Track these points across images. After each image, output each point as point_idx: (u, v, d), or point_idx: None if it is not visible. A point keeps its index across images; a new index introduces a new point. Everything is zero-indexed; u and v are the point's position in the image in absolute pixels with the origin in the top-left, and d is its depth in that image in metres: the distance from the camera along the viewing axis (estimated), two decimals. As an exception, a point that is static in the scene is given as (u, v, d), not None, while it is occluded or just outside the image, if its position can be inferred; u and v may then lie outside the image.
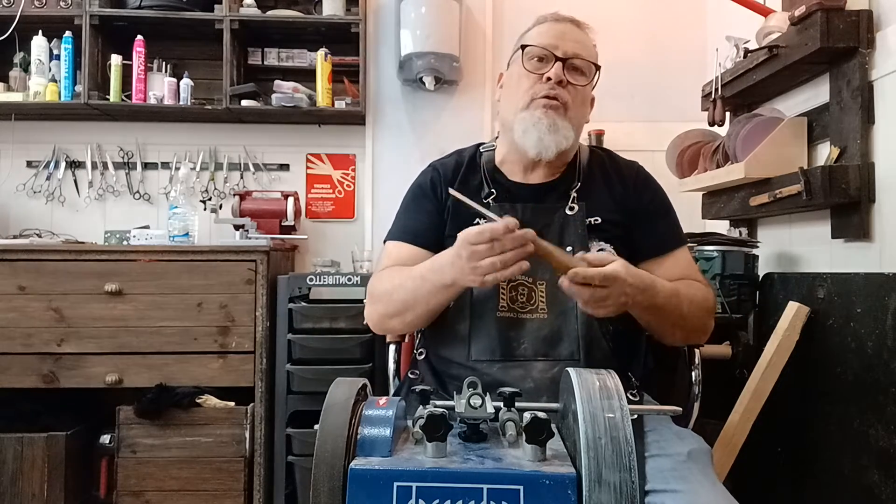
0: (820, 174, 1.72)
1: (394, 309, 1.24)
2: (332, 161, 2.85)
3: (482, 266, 1.04)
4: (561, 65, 1.25)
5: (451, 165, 1.38)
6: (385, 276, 1.28)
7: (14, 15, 2.53)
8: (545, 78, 1.25)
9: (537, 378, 1.16)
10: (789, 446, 1.79)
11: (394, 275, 1.26)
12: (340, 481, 0.75)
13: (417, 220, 1.34)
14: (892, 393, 1.45)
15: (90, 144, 2.78)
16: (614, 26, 2.84)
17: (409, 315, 1.23)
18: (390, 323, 1.28)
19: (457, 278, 1.10)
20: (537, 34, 1.31)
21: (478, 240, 1.03)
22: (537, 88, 1.25)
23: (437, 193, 1.35)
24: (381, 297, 1.27)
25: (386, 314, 1.27)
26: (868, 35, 1.69)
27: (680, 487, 0.97)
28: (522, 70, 1.28)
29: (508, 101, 1.32)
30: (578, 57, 1.27)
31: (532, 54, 1.28)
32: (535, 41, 1.29)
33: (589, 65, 1.28)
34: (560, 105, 1.25)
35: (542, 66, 1.27)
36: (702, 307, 1.24)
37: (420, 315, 1.22)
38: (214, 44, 2.61)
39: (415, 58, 2.60)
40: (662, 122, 2.73)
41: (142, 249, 2.25)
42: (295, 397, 2.25)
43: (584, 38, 1.32)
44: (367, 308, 1.32)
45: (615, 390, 0.76)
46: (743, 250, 2.02)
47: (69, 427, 2.19)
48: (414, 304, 1.20)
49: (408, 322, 1.25)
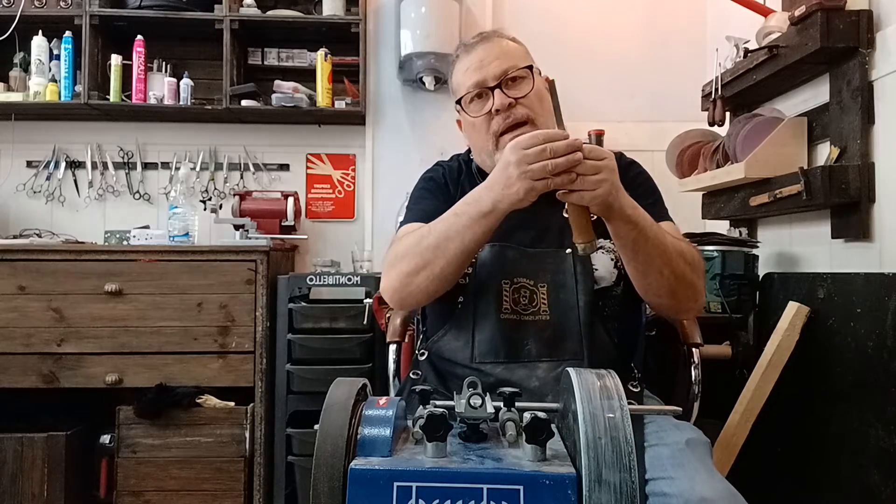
0: (820, 174, 1.72)
1: (421, 259, 1.15)
2: (332, 161, 2.85)
3: (533, 169, 1.01)
4: (499, 90, 1.23)
5: (455, 167, 1.41)
6: (407, 237, 1.22)
7: (14, 15, 2.53)
8: (494, 111, 1.24)
9: (542, 377, 1.17)
10: (789, 446, 1.79)
11: (417, 231, 1.20)
12: (340, 481, 0.75)
13: (434, 205, 1.31)
14: (892, 393, 1.45)
15: (90, 144, 2.78)
16: (614, 26, 2.85)
17: (438, 262, 1.13)
18: (416, 280, 1.16)
19: (497, 199, 1.06)
20: (462, 77, 1.29)
21: (531, 143, 1.02)
22: (494, 126, 1.25)
23: (448, 186, 1.36)
24: (404, 255, 1.18)
25: (412, 269, 1.16)
26: (868, 35, 1.69)
27: (677, 474, 0.98)
28: (471, 118, 1.28)
29: (478, 148, 1.32)
30: (508, 71, 1.24)
31: (469, 100, 1.28)
32: (464, 85, 1.28)
33: (523, 70, 1.26)
34: (523, 127, 1.23)
35: (485, 102, 1.26)
36: (689, 254, 1.17)
37: (451, 258, 1.13)
38: (214, 44, 2.61)
39: (415, 58, 2.60)
40: (662, 122, 2.73)
41: (142, 249, 2.25)
42: (295, 397, 2.25)
43: (502, 48, 1.29)
44: (384, 278, 1.24)
45: (615, 390, 0.76)
46: (743, 250, 2.02)
47: (69, 427, 2.19)
48: (446, 245, 1.12)
49: (437, 273, 1.15)
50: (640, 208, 1.11)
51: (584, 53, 2.79)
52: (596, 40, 2.82)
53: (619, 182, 1.06)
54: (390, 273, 1.21)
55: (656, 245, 1.11)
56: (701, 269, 1.22)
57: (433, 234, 1.14)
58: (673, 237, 1.19)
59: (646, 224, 1.10)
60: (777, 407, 1.75)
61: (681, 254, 1.15)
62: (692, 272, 1.17)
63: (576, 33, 2.79)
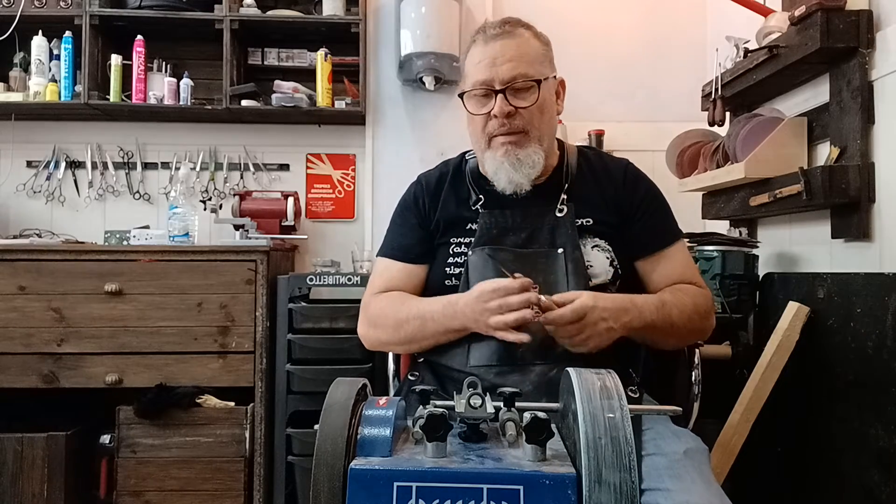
0: (820, 174, 1.72)
1: (397, 340, 1.30)
2: (332, 161, 2.85)
3: (495, 323, 1.13)
4: (503, 97, 1.23)
5: (435, 177, 1.40)
6: (385, 304, 1.31)
7: (14, 15, 2.53)
8: (492, 115, 1.24)
9: (535, 381, 1.16)
10: (789, 446, 1.79)
11: (395, 303, 1.29)
12: (340, 481, 0.75)
13: (405, 235, 1.37)
14: (892, 393, 1.45)
15: (90, 144, 2.78)
16: (614, 26, 2.85)
17: (413, 346, 1.31)
18: (389, 348, 1.41)
19: (468, 325, 1.18)
20: (472, 68, 1.28)
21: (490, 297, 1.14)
22: (490, 127, 1.26)
23: (420, 206, 1.37)
24: (382, 325, 1.31)
25: (388, 342, 1.33)
26: (868, 35, 1.69)
27: (673, 486, 0.97)
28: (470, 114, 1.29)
29: (473, 140, 1.34)
30: (516, 80, 1.23)
31: (472, 96, 1.28)
32: (471, 80, 1.27)
33: (532, 82, 1.24)
34: (517, 135, 1.24)
35: (487, 102, 1.26)
36: (694, 312, 1.24)
37: (424, 347, 1.29)
38: (214, 44, 2.61)
39: (415, 58, 2.60)
40: (662, 122, 2.73)
41: (142, 249, 2.25)
42: (295, 397, 2.25)
43: (518, 49, 1.25)
44: (362, 328, 1.36)
45: (615, 390, 0.76)
46: (743, 250, 2.02)
47: (69, 427, 2.19)
48: (421, 340, 1.26)
49: (412, 350, 1.34)
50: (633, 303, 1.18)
51: (584, 53, 2.79)
52: (596, 40, 2.82)
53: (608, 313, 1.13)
54: (367, 330, 1.35)
55: (661, 324, 1.20)
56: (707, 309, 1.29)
57: (410, 327, 1.25)
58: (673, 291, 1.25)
59: (652, 319, 1.18)
60: (777, 407, 1.75)
61: (684, 310, 1.22)
62: (698, 319, 1.26)
63: (576, 33, 2.79)
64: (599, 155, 1.42)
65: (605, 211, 1.28)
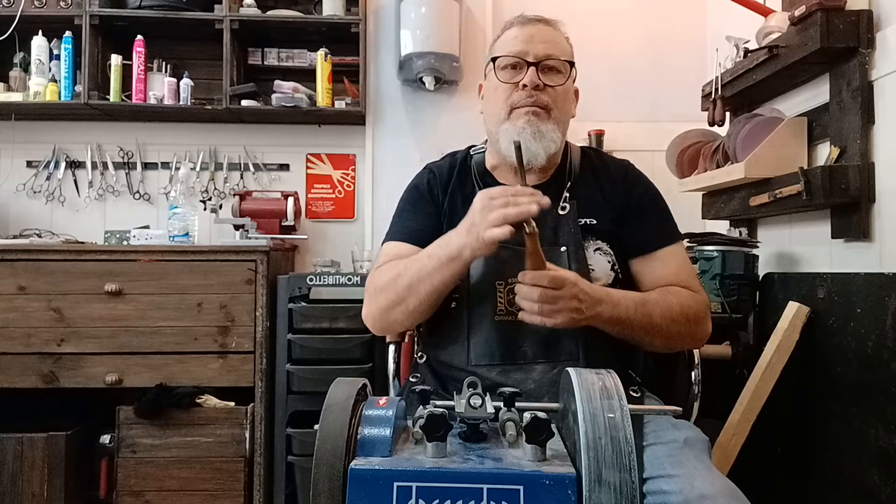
0: (820, 174, 1.72)
1: (396, 296, 1.20)
2: (332, 161, 2.85)
3: (492, 217, 1.05)
4: (534, 69, 1.24)
5: (446, 167, 1.38)
6: (386, 269, 1.25)
7: (14, 15, 2.53)
8: (521, 85, 1.24)
9: (538, 380, 1.16)
10: (789, 446, 1.79)
11: (395, 265, 1.24)
12: (340, 481, 0.75)
13: (416, 220, 1.33)
14: (892, 393, 1.45)
15: (90, 144, 2.78)
16: (614, 26, 2.84)
17: (412, 300, 1.18)
18: (392, 314, 1.23)
19: (463, 244, 1.10)
20: (506, 41, 1.29)
21: (498, 194, 1.07)
22: (515, 97, 1.25)
23: (434, 195, 1.34)
24: (383, 289, 1.23)
25: (388, 304, 1.22)
26: (868, 35, 1.69)
27: (675, 472, 0.98)
28: (497, 81, 1.28)
29: (490, 113, 1.32)
30: (550, 57, 1.26)
31: (504, 64, 1.27)
32: (505, 50, 1.28)
33: (563, 63, 1.28)
34: (541, 109, 1.24)
35: (517, 74, 1.26)
36: (681, 314, 1.20)
37: (423, 298, 1.18)
38: (214, 44, 2.61)
39: (415, 58, 2.60)
40: (662, 122, 2.73)
41: (142, 249, 2.25)
42: (295, 397, 2.25)
43: (554, 35, 1.30)
44: (366, 307, 1.29)
45: (615, 390, 0.76)
46: (743, 250, 2.02)
47: (69, 427, 2.19)
48: (418, 285, 1.17)
49: (411, 309, 1.20)
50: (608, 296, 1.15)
51: (583, 53, 2.75)
52: (596, 40, 2.82)
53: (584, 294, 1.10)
54: (370, 305, 1.28)
55: (642, 326, 1.17)
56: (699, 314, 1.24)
57: (408, 274, 1.19)
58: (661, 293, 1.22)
59: (628, 315, 1.15)
60: (777, 407, 1.75)
61: (669, 311, 1.19)
62: (686, 323, 1.22)
63: (575, 33, 2.77)
64: (600, 154, 1.42)
65: (606, 211, 1.28)
